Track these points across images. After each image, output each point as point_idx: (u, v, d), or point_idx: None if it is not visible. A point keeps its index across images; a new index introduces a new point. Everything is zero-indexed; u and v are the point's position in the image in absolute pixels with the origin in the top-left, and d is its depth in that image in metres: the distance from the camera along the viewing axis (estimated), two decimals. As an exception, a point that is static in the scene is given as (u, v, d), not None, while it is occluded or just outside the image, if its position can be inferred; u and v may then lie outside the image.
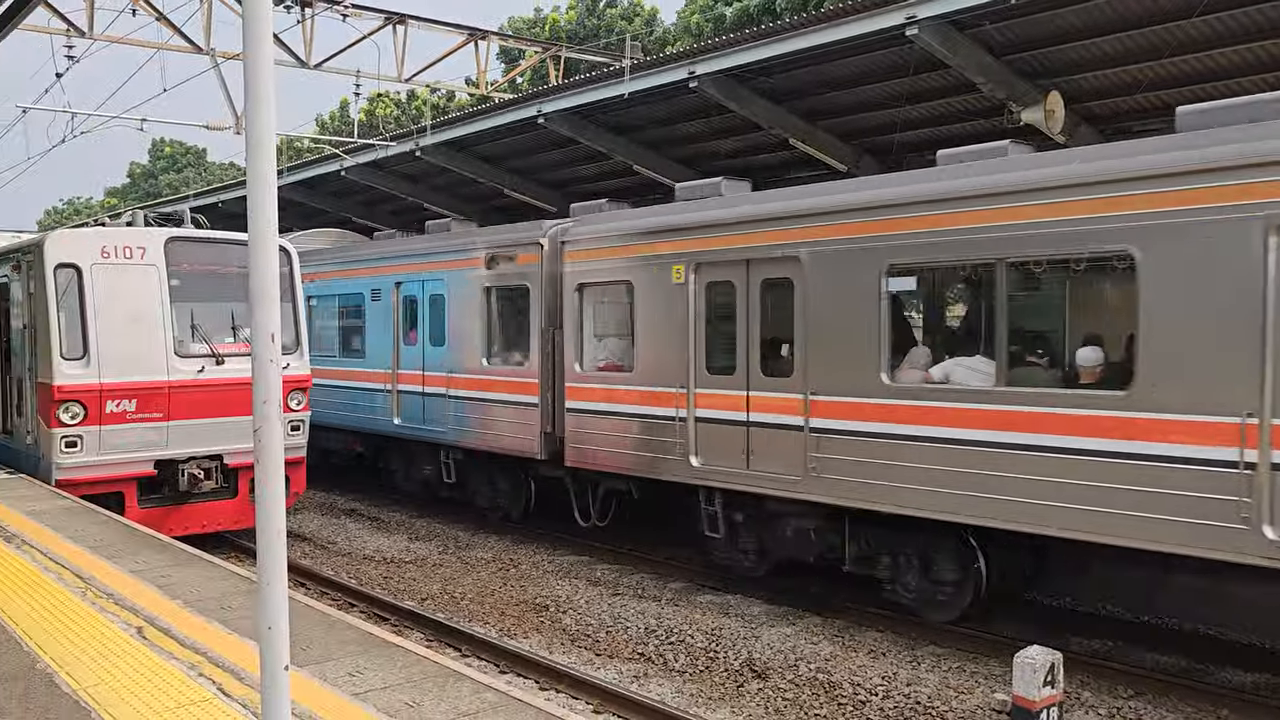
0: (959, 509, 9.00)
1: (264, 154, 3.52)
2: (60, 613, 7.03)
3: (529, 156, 19.56)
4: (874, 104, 14.34)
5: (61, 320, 12.02)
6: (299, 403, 13.44)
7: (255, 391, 3.56)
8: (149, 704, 5.35)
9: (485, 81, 19.37)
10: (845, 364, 9.89)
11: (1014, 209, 8.63)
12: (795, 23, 12.83)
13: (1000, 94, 12.52)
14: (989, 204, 8.79)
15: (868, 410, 9.71)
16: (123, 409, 12.15)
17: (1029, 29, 11.66)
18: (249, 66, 3.47)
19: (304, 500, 16.59)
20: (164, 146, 78.13)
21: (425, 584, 11.96)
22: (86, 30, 15.11)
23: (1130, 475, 7.89)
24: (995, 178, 8.85)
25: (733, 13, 30.93)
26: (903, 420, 9.38)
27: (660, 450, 11.78)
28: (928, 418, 9.21)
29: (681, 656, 9.32)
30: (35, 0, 10.99)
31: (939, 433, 9.12)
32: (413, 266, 15.95)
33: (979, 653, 9.28)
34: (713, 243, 11.24)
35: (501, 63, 40.18)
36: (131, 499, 12.32)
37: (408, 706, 5.38)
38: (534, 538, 14.15)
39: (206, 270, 12.93)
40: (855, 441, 9.81)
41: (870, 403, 9.70)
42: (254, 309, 3.55)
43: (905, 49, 12.22)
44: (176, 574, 8.16)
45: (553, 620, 10.49)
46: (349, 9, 16.26)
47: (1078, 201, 8.25)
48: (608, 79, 15.34)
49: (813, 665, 9.02)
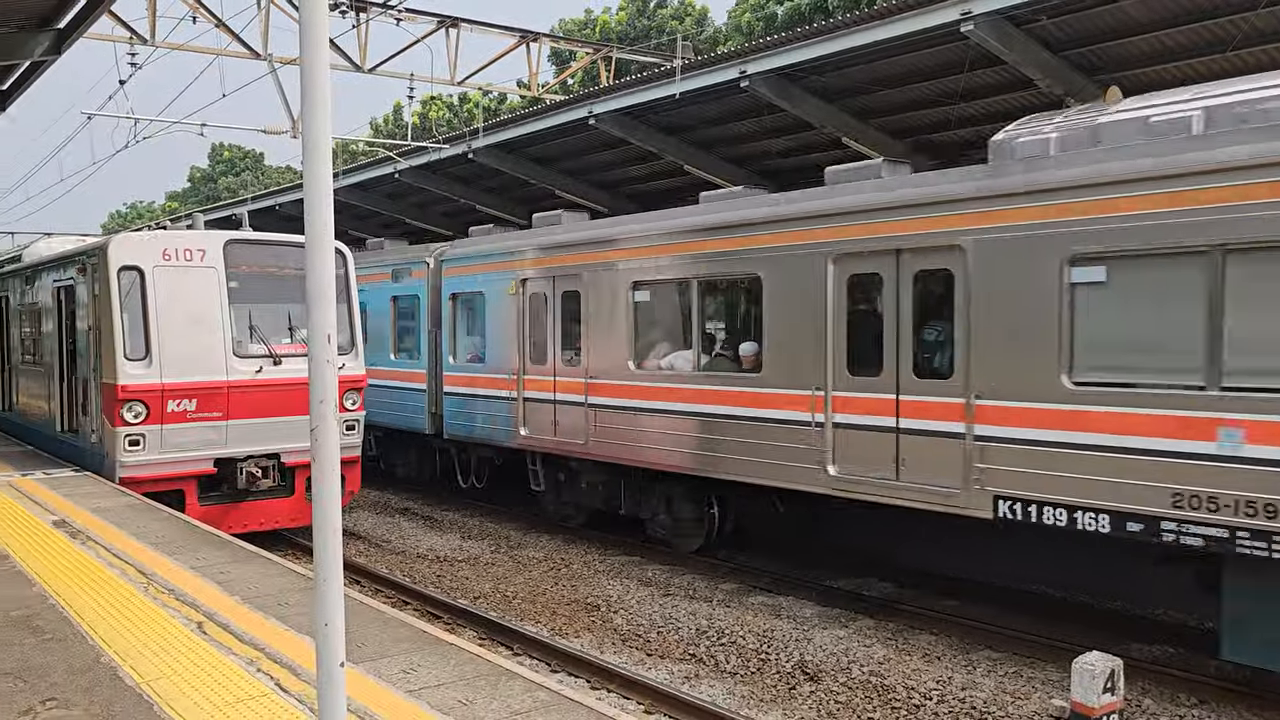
0: (680, 463, 12.05)
1: (320, 157, 3.56)
2: (124, 608, 7.19)
3: (580, 157, 19.63)
4: (928, 101, 14.18)
5: (125, 321, 12.27)
6: (354, 402, 13.61)
7: (312, 391, 3.60)
8: (208, 698, 5.45)
9: (536, 83, 19.47)
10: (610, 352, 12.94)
11: (701, 242, 11.96)
12: (848, 20, 12.73)
13: (1058, 90, 12.32)
14: (687, 238, 12.13)
15: (622, 390, 12.86)
16: (183, 408, 12.38)
17: (1087, 22, 11.46)
18: (306, 71, 3.52)
19: (358, 499, 16.79)
20: (223, 151, 79.61)
21: (477, 583, 12.05)
22: (149, 38, 15.44)
23: (762, 433, 11.01)
24: (687, 220, 12.30)
25: (784, 11, 30.78)
26: (646, 397, 12.46)
27: (504, 424, 14.91)
28: (660, 395, 12.31)
29: (733, 658, 9.29)
30: (101, 9, 11.22)
31: (667, 405, 12.18)
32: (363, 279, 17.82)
33: (1036, 658, 9.14)
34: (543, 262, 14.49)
35: (553, 64, 40.35)
36: (192, 496, 12.56)
37: (460, 704, 5.42)
38: (585, 538, 14.19)
39: (264, 272, 13.14)
40: (616, 413, 12.89)
41: (621, 384, 12.84)
42: (311, 310, 3.59)
43: (960, 45, 12.07)
44: (235, 571, 8.31)
45: (604, 620, 10.50)
46: (402, 13, 16.44)
47: (732, 239, 11.55)
48: (659, 79, 15.34)
49: (866, 668, 8.94)
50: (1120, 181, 8.17)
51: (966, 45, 11.90)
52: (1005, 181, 9.00)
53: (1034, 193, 8.74)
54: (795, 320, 10.77)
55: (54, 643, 6.39)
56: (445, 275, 16.56)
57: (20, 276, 17.01)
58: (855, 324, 10.32)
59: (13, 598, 7.43)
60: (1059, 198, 8.55)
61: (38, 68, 13.03)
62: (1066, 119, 9.28)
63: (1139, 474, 7.98)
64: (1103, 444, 8.21)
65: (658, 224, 12.75)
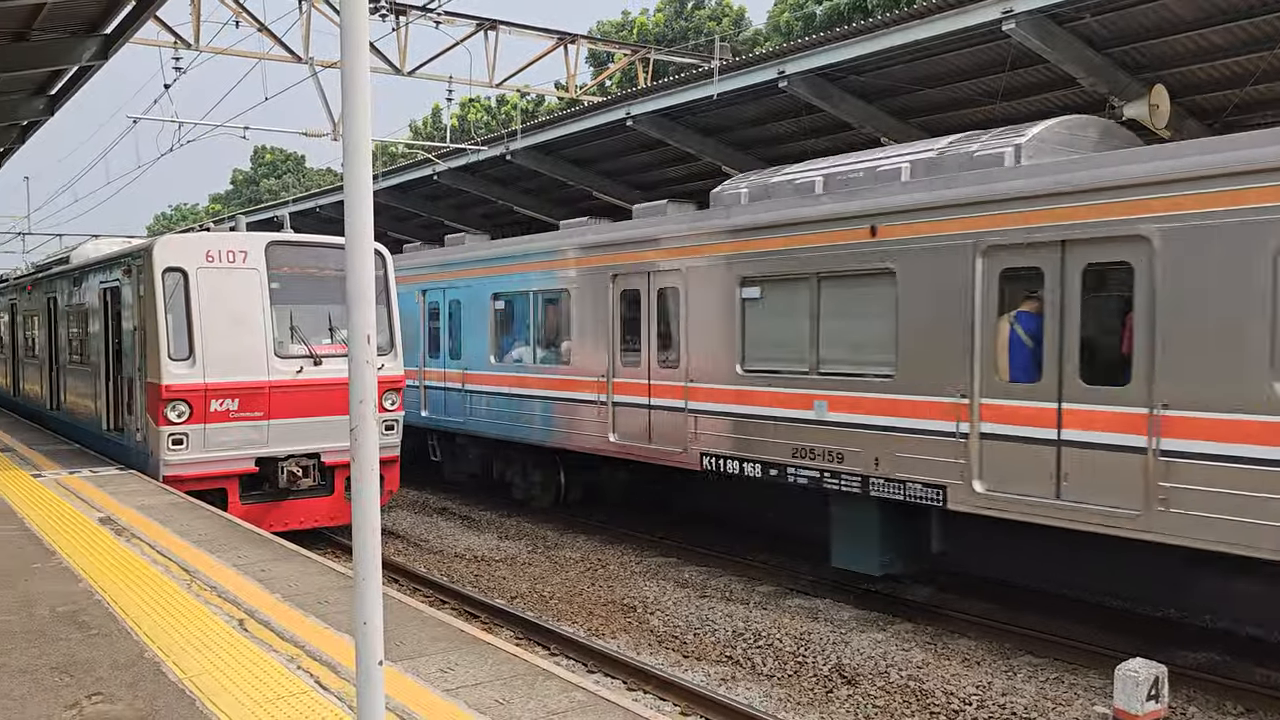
0: (528, 436, 15.20)
1: (360, 160, 3.59)
2: (167, 604, 7.29)
3: (617, 159, 19.66)
4: (968, 101, 14.06)
5: (169, 322, 12.45)
6: (393, 403, 13.72)
7: (352, 392, 3.63)
8: (249, 694, 5.51)
9: (574, 85, 19.50)
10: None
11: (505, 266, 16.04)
12: (888, 20, 12.64)
13: (1102, 88, 12.16)
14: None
15: (489, 379, 16.11)
16: (226, 408, 12.54)
17: (1132, 20, 11.30)
18: (346, 75, 3.55)
19: (397, 499, 16.93)
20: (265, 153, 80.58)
21: (514, 582, 12.09)
22: (193, 42, 15.66)
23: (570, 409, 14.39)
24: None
25: (823, 11, 30.64)
26: (507, 385, 15.72)
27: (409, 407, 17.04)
28: (509, 382, 15.69)
29: (770, 660, 9.25)
30: (147, 15, 11.40)
31: (518, 390, 15.48)
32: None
33: (1078, 664, 9.02)
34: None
35: (590, 66, 40.43)
36: (234, 495, 12.71)
37: (497, 704, 5.44)
38: (622, 538, 14.20)
39: (305, 273, 13.28)
40: (486, 396, 16.20)
41: (485, 373, 16.21)
42: (350, 311, 3.62)
43: (1001, 44, 11.96)
44: (276, 569, 8.40)
45: (640, 621, 10.50)
46: (442, 16, 16.54)
47: (551, 261, 15.03)
48: (696, 80, 15.33)
49: (904, 672, 8.87)
50: (769, 226, 11.36)
51: (1008, 44, 11.78)
52: (707, 224, 12.23)
53: (721, 232, 11.99)
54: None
55: (99, 638, 6.50)
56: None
57: (68, 278, 17.31)
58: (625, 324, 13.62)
59: (60, 593, 7.56)
60: (736, 236, 11.77)
61: (85, 72, 13.26)
62: (759, 176, 12.32)
63: (778, 435, 11.21)
64: (759, 414, 11.45)
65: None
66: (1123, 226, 8.26)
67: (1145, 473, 8.03)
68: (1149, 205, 8.12)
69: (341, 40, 3.55)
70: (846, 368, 10.58)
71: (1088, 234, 8.49)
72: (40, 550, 8.95)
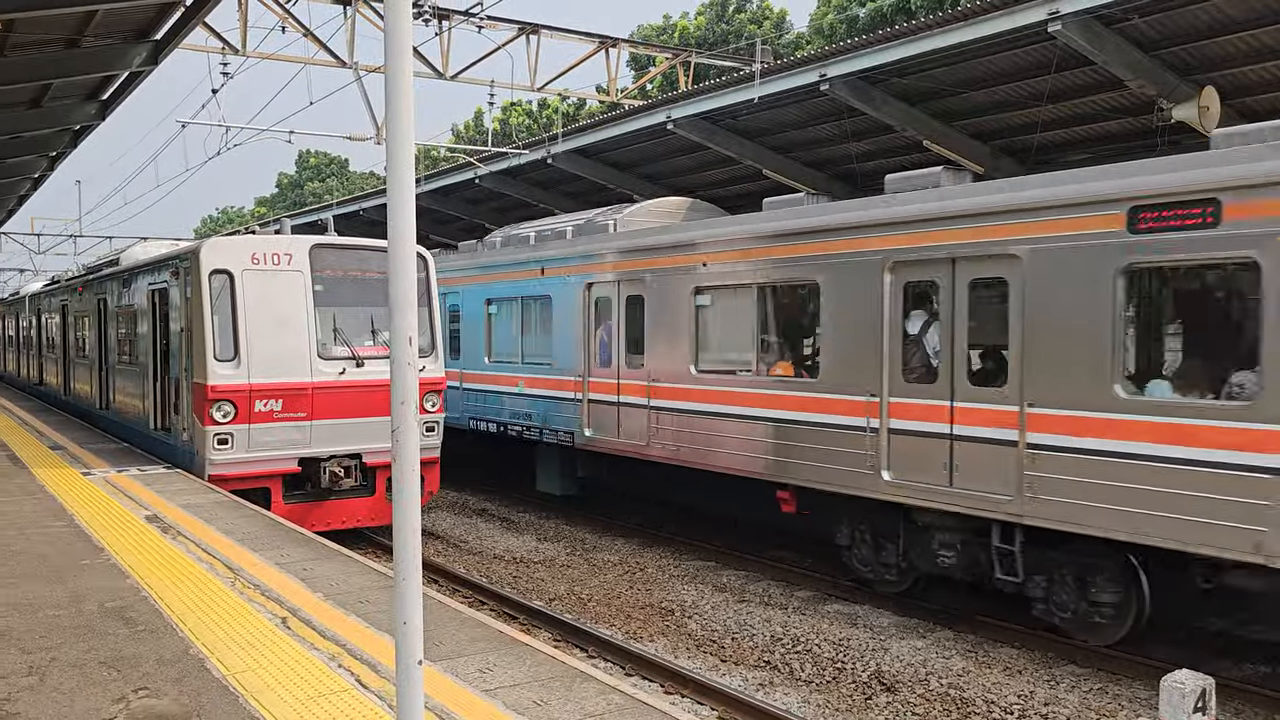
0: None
1: (403, 163, 3.62)
2: (212, 602, 7.40)
3: (658, 162, 19.68)
4: (1013, 103, 13.92)
5: (215, 323, 12.61)
6: (434, 404, 13.82)
7: (393, 393, 3.66)
8: (291, 691, 5.57)
9: (615, 89, 19.54)
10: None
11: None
12: (931, 21, 12.55)
13: (1150, 90, 11.99)
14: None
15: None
16: (270, 408, 12.69)
17: (1180, 21, 11.14)
18: (390, 79, 3.59)
19: (437, 499, 17.04)
20: (309, 157, 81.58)
21: (553, 584, 12.13)
22: (240, 48, 15.89)
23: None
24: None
25: (866, 13, 30.47)
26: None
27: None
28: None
29: (808, 666, 9.20)
30: (196, 21, 11.60)
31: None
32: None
33: (1122, 675, 8.88)
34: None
35: (631, 70, 40.51)
36: (277, 494, 12.86)
37: (535, 705, 5.46)
38: (660, 541, 14.20)
39: (348, 275, 13.41)
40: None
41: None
42: (393, 313, 3.65)
43: (1047, 45, 11.83)
44: (318, 568, 8.49)
45: (678, 625, 10.49)
46: (484, 21, 16.65)
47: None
48: (737, 84, 15.30)
49: (944, 680, 8.79)
50: (502, 264, 17.13)
51: (1053, 46, 11.66)
52: (474, 259, 17.98)
53: (478, 267, 17.70)
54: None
55: (145, 634, 6.60)
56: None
57: (117, 279, 17.61)
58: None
59: (108, 589, 7.70)
60: (486, 271, 17.41)
61: (136, 78, 13.51)
62: (514, 227, 18.21)
63: (504, 404, 16.67)
64: (496, 390, 16.98)
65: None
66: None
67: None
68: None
69: (385, 45, 3.59)
70: (535, 360, 16.16)
71: (624, 276, 14.12)
72: (89, 547, 9.12)
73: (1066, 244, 8.72)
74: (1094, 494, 8.53)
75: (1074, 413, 8.66)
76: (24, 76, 12.15)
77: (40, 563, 8.51)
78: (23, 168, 19.75)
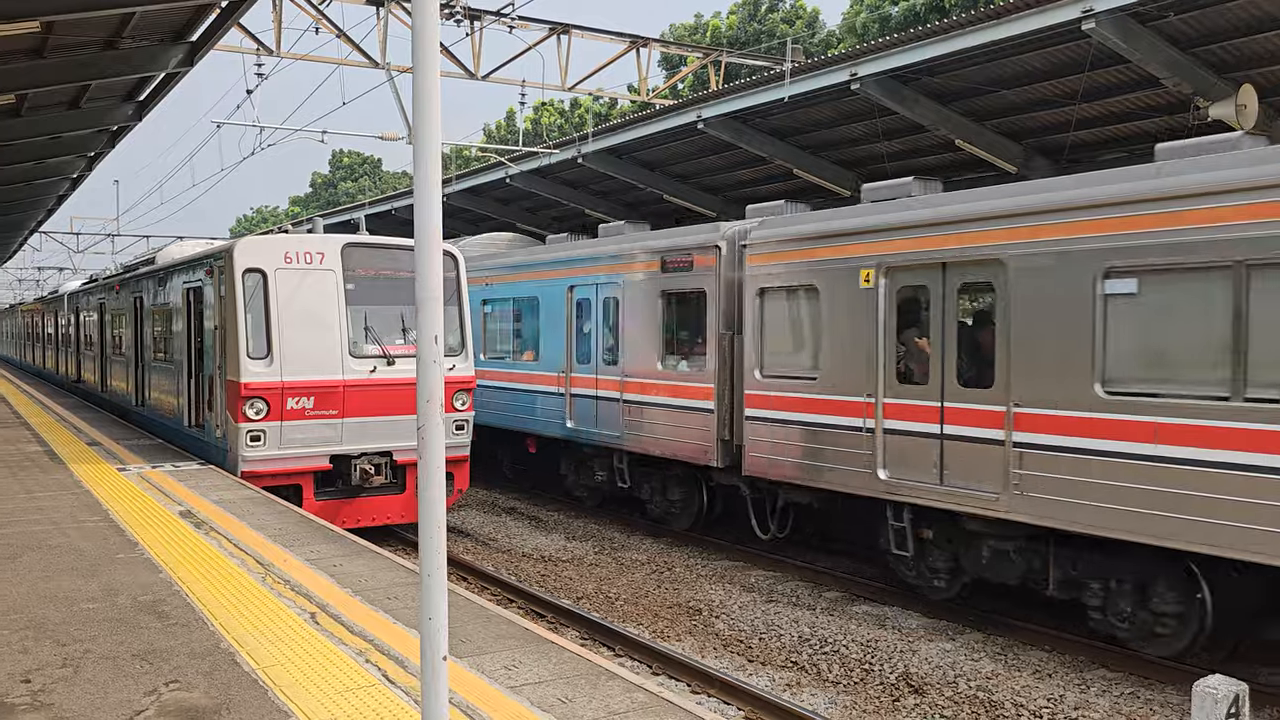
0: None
1: (430, 162, 3.65)
2: (242, 596, 7.48)
3: (688, 161, 19.67)
4: (1046, 102, 13.79)
5: (248, 321, 12.74)
6: (463, 403, 13.87)
7: (419, 391, 3.68)
8: (320, 686, 5.63)
9: (646, 88, 19.55)
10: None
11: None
12: (963, 20, 12.46)
13: (1185, 89, 11.83)
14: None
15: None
16: (301, 406, 12.80)
17: (1217, 19, 10.99)
18: (417, 79, 3.62)
19: (467, 498, 17.14)
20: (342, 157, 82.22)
21: (580, 583, 12.16)
22: (274, 49, 16.05)
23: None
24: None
25: (899, 11, 30.30)
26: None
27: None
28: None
29: (835, 667, 9.17)
30: (230, 22, 11.73)
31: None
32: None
33: (1154, 679, 8.78)
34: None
35: (662, 69, 40.51)
36: (308, 491, 12.97)
37: (561, 702, 5.48)
38: (688, 541, 14.19)
39: (379, 274, 13.50)
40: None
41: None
42: (420, 311, 3.67)
43: (1080, 44, 11.71)
44: (347, 564, 8.56)
45: (705, 624, 10.49)
46: (515, 21, 16.71)
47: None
48: (767, 83, 15.26)
49: (973, 683, 8.72)
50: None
51: (1087, 44, 11.54)
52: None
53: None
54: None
55: (177, 627, 6.69)
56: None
57: (153, 278, 17.84)
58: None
59: (141, 583, 7.80)
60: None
61: (172, 79, 13.67)
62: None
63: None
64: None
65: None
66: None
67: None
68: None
69: (413, 45, 3.62)
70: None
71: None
72: (124, 541, 9.25)
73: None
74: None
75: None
76: (63, 78, 12.34)
77: (76, 556, 8.65)
78: (62, 168, 20.05)
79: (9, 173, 18.77)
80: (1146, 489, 8.22)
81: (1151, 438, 8.19)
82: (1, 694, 5.47)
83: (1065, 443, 8.83)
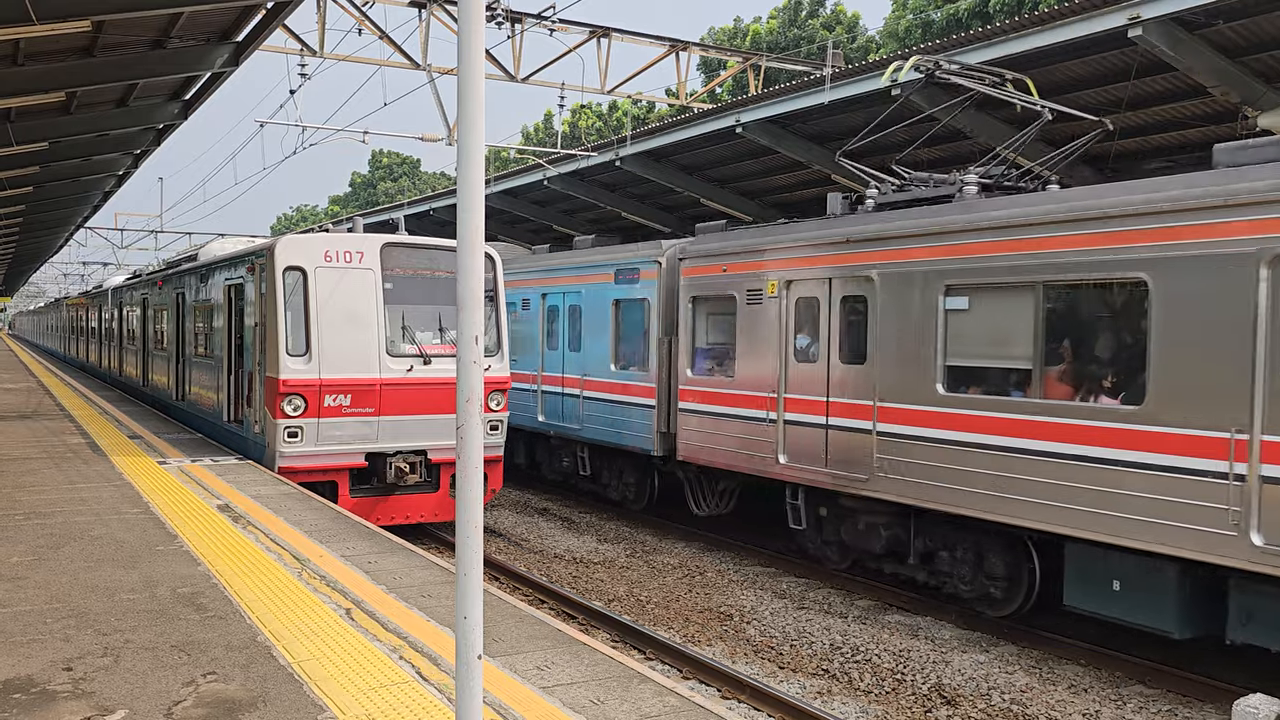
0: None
1: (473, 164, 3.67)
2: (279, 591, 7.56)
3: (726, 166, 19.64)
4: (1091, 109, 13.61)
5: (288, 319, 12.87)
6: (498, 403, 13.93)
7: (459, 391, 3.69)
8: (354, 681, 5.67)
9: (685, 92, 19.57)
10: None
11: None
12: (1008, 25, 12.35)
13: (1234, 98, 11.66)
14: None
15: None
16: (339, 403, 12.91)
17: (1269, 26, 10.81)
18: (462, 81, 3.64)
19: (499, 498, 17.21)
20: (382, 157, 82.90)
21: (612, 585, 12.17)
22: (318, 49, 16.23)
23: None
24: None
25: (942, 16, 30.10)
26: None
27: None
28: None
29: (867, 676, 9.11)
30: (276, 23, 11.87)
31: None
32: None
33: (1193, 697, 8.65)
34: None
35: (701, 73, 40.47)
36: (344, 488, 13.08)
37: (592, 704, 5.49)
38: (720, 546, 14.17)
39: (417, 274, 13.59)
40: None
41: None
42: (460, 312, 3.69)
43: (1127, 51, 11.57)
44: (382, 561, 8.62)
45: (736, 630, 10.46)
46: (556, 24, 16.79)
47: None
48: (806, 88, 15.21)
49: (1006, 696, 8.64)
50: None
51: (1134, 51, 11.40)
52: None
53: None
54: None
55: (215, 620, 6.77)
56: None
57: (195, 274, 18.07)
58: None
59: (181, 576, 7.91)
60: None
61: (217, 79, 13.85)
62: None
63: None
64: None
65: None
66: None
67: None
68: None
69: (458, 48, 3.64)
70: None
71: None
72: (163, 534, 9.37)
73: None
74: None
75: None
76: (112, 76, 12.53)
77: (117, 548, 8.78)
78: (108, 165, 20.36)
79: (58, 169, 19.08)
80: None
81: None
82: (44, 681, 5.57)
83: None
